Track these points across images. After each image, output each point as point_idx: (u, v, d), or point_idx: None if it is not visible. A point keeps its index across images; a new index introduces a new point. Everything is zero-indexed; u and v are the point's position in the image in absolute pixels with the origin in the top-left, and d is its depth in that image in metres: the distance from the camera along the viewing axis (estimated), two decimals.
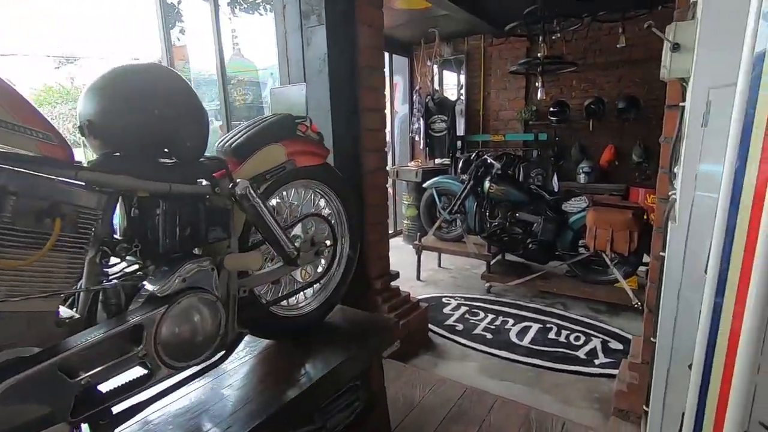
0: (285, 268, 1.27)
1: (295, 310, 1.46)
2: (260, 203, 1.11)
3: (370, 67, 2.52)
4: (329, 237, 1.50)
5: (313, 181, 1.45)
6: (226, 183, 1.08)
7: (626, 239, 3.16)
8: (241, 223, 1.17)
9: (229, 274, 1.09)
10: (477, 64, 5.68)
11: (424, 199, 4.38)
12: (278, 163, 1.26)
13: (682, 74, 1.44)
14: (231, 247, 1.10)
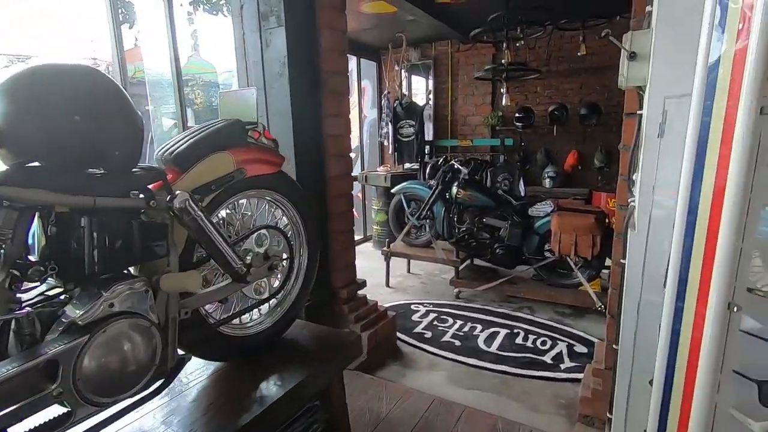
0: (233, 285, 1.18)
1: (249, 329, 1.37)
2: (203, 217, 1.02)
3: (332, 71, 2.45)
4: (285, 250, 1.42)
5: (268, 191, 1.36)
6: (164, 195, 0.98)
7: (589, 243, 3.21)
8: (183, 238, 1.07)
9: (168, 295, 0.99)
10: (444, 69, 5.71)
11: (392, 204, 4.34)
12: (226, 173, 1.17)
13: (639, 83, 1.45)
14: (170, 266, 1.01)
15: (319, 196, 2.52)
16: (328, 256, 2.62)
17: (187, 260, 1.10)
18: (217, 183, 1.15)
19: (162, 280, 0.95)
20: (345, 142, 2.62)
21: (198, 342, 1.19)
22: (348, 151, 2.66)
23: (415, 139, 5.35)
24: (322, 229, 2.56)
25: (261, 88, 2.32)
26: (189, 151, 1.11)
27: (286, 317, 1.48)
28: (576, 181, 5.06)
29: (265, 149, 1.33)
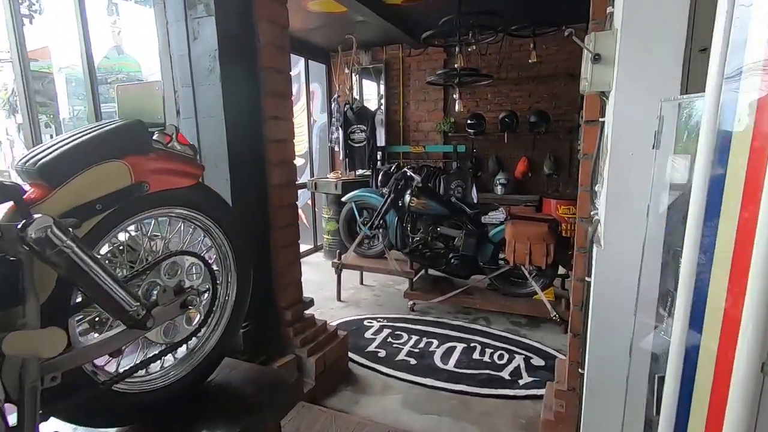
0: (129, 333, 0.91)
1: (158, 380, 1.10)
2: (75, 248, 0.76)
3: (273, 68, 2.21)
4: (207, 279, 1.17)
5: (182, 209, 1.11)
6: (13, 221, 0.72)
7: (543, 252, 3.17)
8: (53, 278, 0.80)
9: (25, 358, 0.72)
10: (396, 74, 5.59)
11: (343, 213, 4.12)
12: (119, 188, 0.91)
13: (603, 87, 1.35)
14: (27, 317, 0.74)
15: (260, 207, 2.26)
16: (271, 273, 2.36)
17: (60, 307, 0.83)
18: (105, 201, 0.88)
19: (5, 342, 0.68)
20: (288, 147, 2.38)
21: (82, 408, 0.91)
22: (292, 158, 2.42)
23: (367, 145, 5.17)
24: (263, 244, 2.29)
25: (188, 85, 2.03)
26: (62, 160, 0.83)
27: (209, 360, 1.22)
28: (527, 188, 5.09)
29: (177, 157, 1.08)
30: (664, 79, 1.20)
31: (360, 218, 3.97)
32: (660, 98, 1.22)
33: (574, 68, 4.74)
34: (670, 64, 1.19)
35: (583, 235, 1.71)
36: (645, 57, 1.21)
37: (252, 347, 2.21)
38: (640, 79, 1.23)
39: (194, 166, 1.13)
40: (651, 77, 1.22)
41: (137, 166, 0.96)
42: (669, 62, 1.19)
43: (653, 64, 1.20)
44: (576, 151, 4.80)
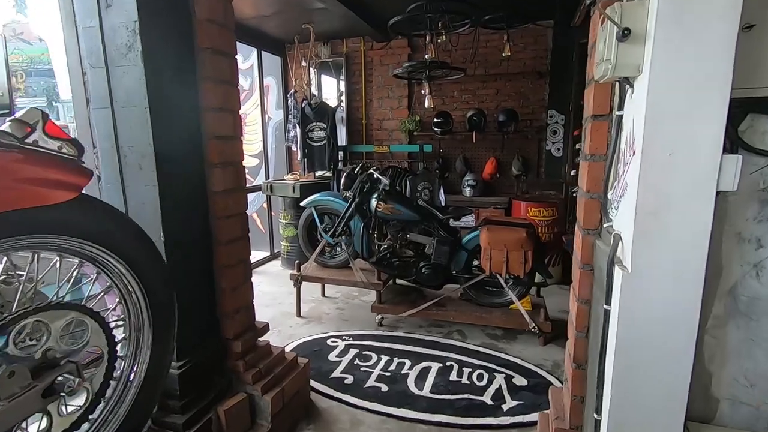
0: None
1: None
2: None
3: (213, 49, 1.81)
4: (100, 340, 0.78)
5: (56, 237, 0.72)
6: None
7: (521, 260, 2.95)
8: None
9: None
10: (357, 68, 5.25)
11: (302, 219, 3.73)
12: None
13: (629, 71, 1.08)
14: None
15: (199, 219, 1.85)
16: (214, 299, 1.96)
17: None
18: None
19: None
20: (234, 145, 1.99)
21: None
22: (239, 158, 2.03)
23: (327, 144, 4.80)
24: (204, 264, 1.89)
25: (100, 66, 1.60)
26: None
27: None
28: (495, 190, 4.92)
29: (42, 158, 0.69)
30: (712, 60, 0.95)
31: (321, 225, 3.60)
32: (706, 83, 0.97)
33: (541, 66, 4.61)
34: (720, 41, 0.94)
35: (589, 250, 1.45)
36: (689, 32, 0.95)
37: (191, 389, 1.80)
38: (682, 60, 0.97)
39: (75, 171, 0.75)
40: (696, 57, 0.96)
41: None
42: (719, 39, 0.94)
43: (699, 42, 0.95)
44: (544, 151, 4.67)
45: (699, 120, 0.98)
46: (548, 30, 4.47)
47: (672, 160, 1.01)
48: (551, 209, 4.25)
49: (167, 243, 1.67)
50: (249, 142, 6.10)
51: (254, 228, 6.11)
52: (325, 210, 3.61)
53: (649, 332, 1.10)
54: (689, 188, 1.01)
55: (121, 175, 1.66)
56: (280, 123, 5.72)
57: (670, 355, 1.09)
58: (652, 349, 1.10)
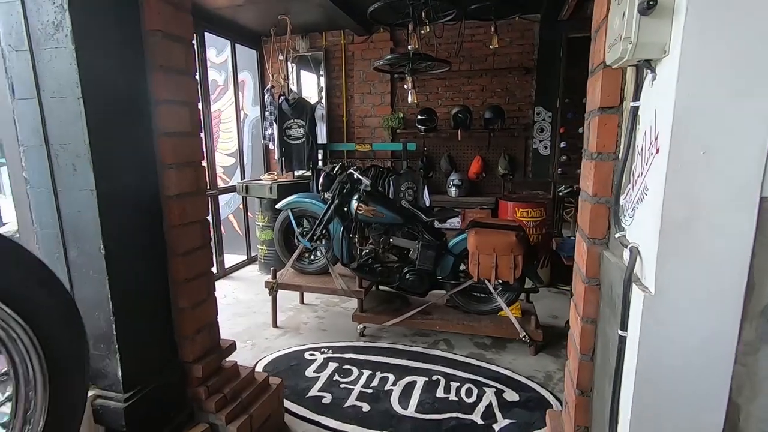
0: None
1: None
2: None
3: (164, 33, 1.57)
4: None
5: None
6: None
7: (511, 265, 2.78)
8: None
9: None
10: (337, 63, 5.02)
11: (278, 223, 3.49)
12: None
13: (653, 52, 0.90)
14: None
15: (150, 228, 1.62)
16: (170, 319, 1.72)
17: None
18: None
19: None
20: (192, 143, 1.75)
21: None
22: (198, 158, 1.79)
23: (306, 143, 4.56)
24: (157, 279, 1.65)
25: (22, 48, 1.34)
26: None
27: None
28: (482, 190, 4.76)
29: None
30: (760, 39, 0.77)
31: (298, 228, 3.37)
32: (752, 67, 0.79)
33: (528, 62, 4.46)
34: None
35: (595, 263, 1.27)
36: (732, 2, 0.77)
37: (141, 425, 1.57)
38: (722, 38, 0.79)
39: None
40: (740, 34, 0.78)
41: None
42: None
43: (746, 15, 0.77)
44: (531, 150, 4.53)
45: (741, 111, 0.80)
46: (535, 24, 4.32)
47: (706, 159, 0.83)
48: (539, 209, 4.11)
49: (109, 257, 1.44)
50: (224, 140, 5.82)
51: (231, 230, 5.83)
52: (303, 212, 3.39)
53: (677, 364, 0.92)
54: (727, 193, 0.84)
55: (53, 179, 1.42)
56: (257, 120, 5.46)
57: (701, 390, 0.92)
58: (681, 383, 0.92)
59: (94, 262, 1.44)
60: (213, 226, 4.49)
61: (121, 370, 1.52)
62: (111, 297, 1.46)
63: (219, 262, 4.56)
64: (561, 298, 3.92)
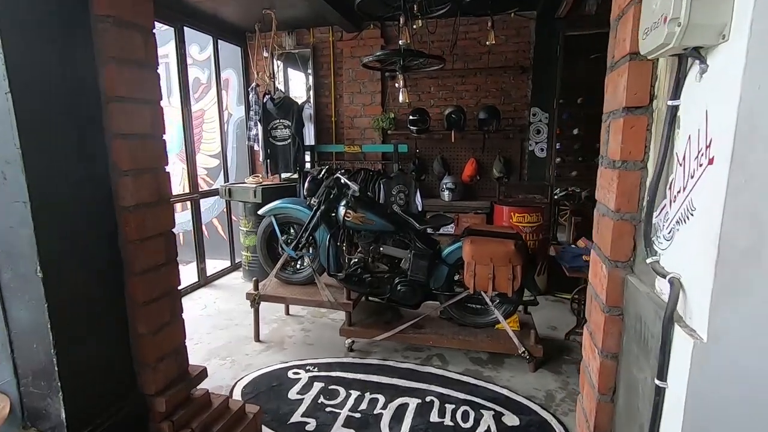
0: None
1: None
2: None
3: (118, 19, 1.36)
4: None
5: None
6: None
7: (509, 276, 2.60)
8: None
9: None
10: (326, 61, 4.81)
11: (260, 229, 3.28)
12: None
13: (707, 37, 0.72)
14: None
15: (102, 243, 1.40)
16: (127, 346, 1.51)
17: None
18: None
19: None
20: (154, 147, 1.54)
21: None
22: (161, 163, 1.58)
23: (292, 144, 4.35)
24: (112, 301, 1.44)
25: None
26: None
27: None
28: (476, 193, 4.58)
29: None
30: None
31: (282, 236, 3.16)
32: None
33: (524, 60, 4.30)
34: None
35: (618, 289, 1.09)
36: None
37: None
38: None
39: None
40: None
41: None
42: None
43: None
44: (527, 152, 4.37)
45: None
46: (531, 21, 4.16)
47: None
48: (536, 215, 3.95)
49: (48, 281, 1.22)
50: (208, 141, 5.58)
51: (215, 234, 5.59)
52: (287, 219, 3.17)
53: (737, 426, 0.73)
54: None
55: None
56: (242, 120, 5.22)
57: None
58: None
59: (31, 286, 1.23)
60: (194, 232, 4.26)
61: (65, 410, 1.30)
62: (51, 326, 1.24)
63: (201, 269, 4.33)
64: (559, 307, 3.76)
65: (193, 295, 4.12)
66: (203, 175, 5.68)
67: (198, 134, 5.60)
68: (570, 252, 2.84)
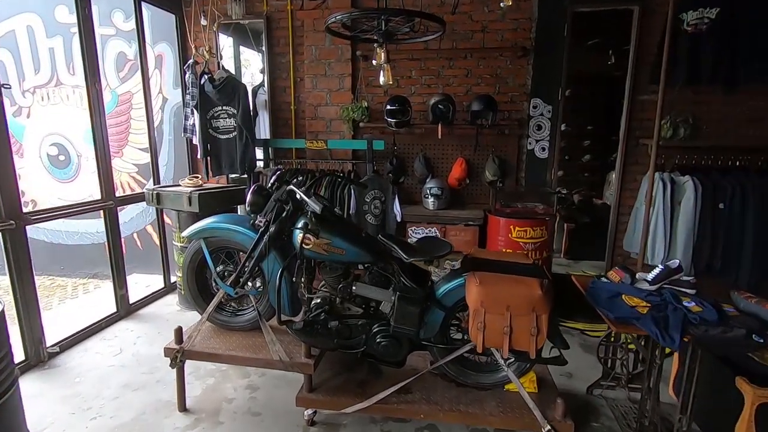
0: None
1: None
2: None
3: None
4: None
5: None
6: None
7: (533, 328, 1.87)
8: None
9: None
10: (282, 35, 3.92)
11: (187, 257, 2.39)
12: None
13: None
14: None
15: None
16: None
17: None
18: None
19: None
20: None
21: None
22: None
23: (239, 138, 3.45)
24: None
25: None
26: None
27: None
28: (464, 200, 3.85)
29: None
30: None
31: (216, 268, 2.29)
32: None
33: (524, 41, 3.57)
34: None
35: None
36: None
37: None
38: None
39: None
40: None
41: None
42: None
43: None
44: (526, 151, 3.67)
45: None
46: None
47: None
48: (540, 229, 3.27)
49: None
50: (138, 131, 4.56)
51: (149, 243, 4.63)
52: (224, 244, 2.31)
53: None
54: None
55: None
56: (181, 107, 4.25)
57: None
58: None
59: None
60: (109, 248, 3.31)
61: None
62: None
63: (120, 297, 3.39)
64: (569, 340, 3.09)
65: (107, 332, 3.18)
66: (133, 173, 4.67)
67: (125, 122, 4.58)
68: (602, 289, 2.15)
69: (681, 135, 3.15)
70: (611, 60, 4.93)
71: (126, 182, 4.70)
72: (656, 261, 3.28)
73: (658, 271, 2.19)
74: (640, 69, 3.40)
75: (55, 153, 4.78)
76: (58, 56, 4.58)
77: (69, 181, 4.82)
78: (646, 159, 3.46)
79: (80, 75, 3.14)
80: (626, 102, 3.46)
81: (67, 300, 4.33)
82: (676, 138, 3.18)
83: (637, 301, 2.02)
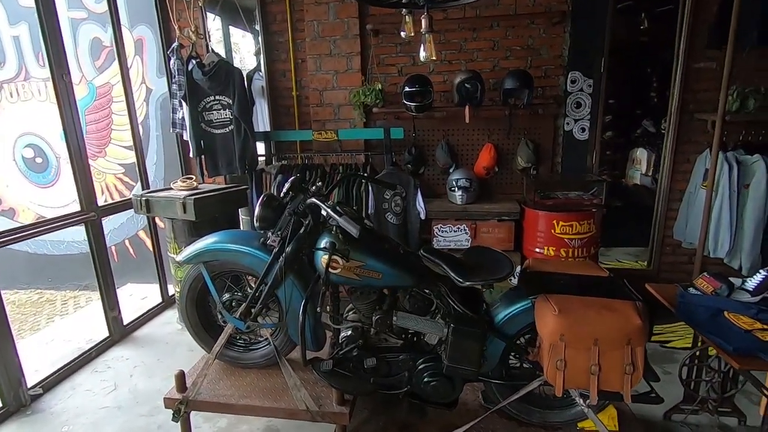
0: None
1: None
2: None
3: None
4: None
5: None
6: None
7: (627, 365, 1.48)
8: None
9: None
10: (280, 10, 3.42)
11: (185, 287, 1.97)
12: None
13: None
14: None
15: None
16: None
17: None
18: None
19: None
20: None
21: None
22: None
23: (236, 132, 3.00)
24: None
25: None
26: None
27: None
28: (492, 190, 3.43)
29: None
30: None
31: (221, 297, 1.88)
32: None
33: (559, 4, 3.09)
34: None
35: None
36: None
37: None
38: None
39: None
40: None
41: None
42: None
43: None
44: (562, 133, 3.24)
45: None
46: None
47: None
48: (587, 222, 2.86)
49: None
50: (120, 127, 4.10)
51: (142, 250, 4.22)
52: (229, 267, 1.90)
53: None
54: None
55: None
56: (167, 97, 3.76)
57: None
58: None
59: None
60: (95, 265, 2.89)
61: None
62: None
63: (112, 319, 2.99)
64: None
65: (99, 362, 2.79)
66: (119, 173, 4.22)
67: (105, 118, 4.10)
68: (697, 304, 1.75)
69: (750, 107, 2.71)
70: (644, 24, 4.44)
71: (112, 184, 4.25)
72: (720, 253, 2.89)
73: (761, 278, 1.79)
74: (695, 31, 2.94)
75: (31, 155, 4.32)
76: (24, 46, 4.07)
77: (49, 185, 4.37)
78: (702, 136, 3.04)
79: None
80: (678, 71, 3.00)
81: (56, 318, 3.93)
82: (743, 111, 2.74)
83: (748, 320, 1.62)
